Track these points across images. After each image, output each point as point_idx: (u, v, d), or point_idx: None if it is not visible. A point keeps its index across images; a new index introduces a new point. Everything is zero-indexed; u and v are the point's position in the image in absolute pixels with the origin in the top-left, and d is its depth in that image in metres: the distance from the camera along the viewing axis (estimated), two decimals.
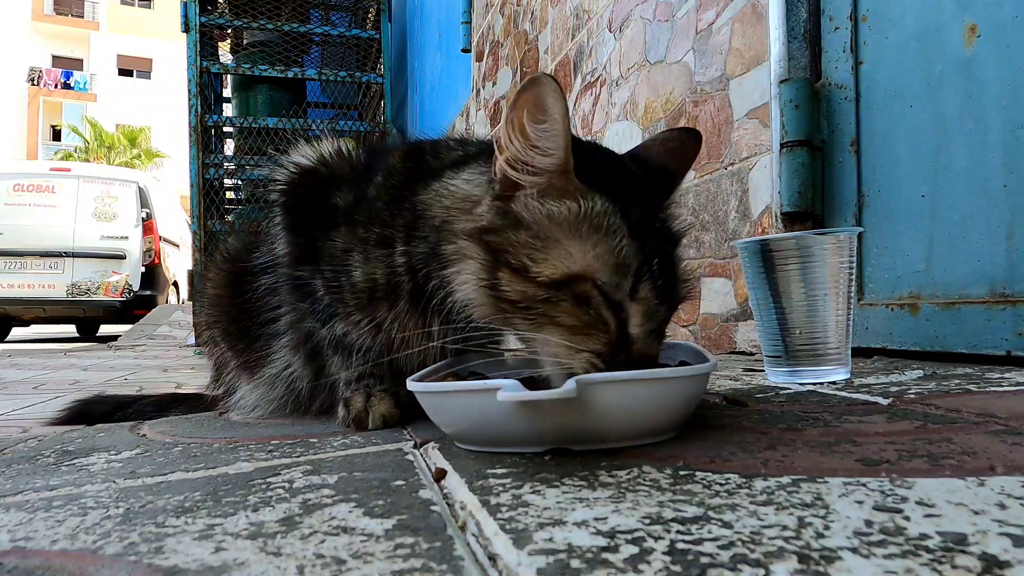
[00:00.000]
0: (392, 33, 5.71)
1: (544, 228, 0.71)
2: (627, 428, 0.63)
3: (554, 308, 0.69)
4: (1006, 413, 0.70)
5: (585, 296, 0.69)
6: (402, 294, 0.87)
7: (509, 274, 0.71)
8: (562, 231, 0.70)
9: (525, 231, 0.71)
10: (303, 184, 0.98)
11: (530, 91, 0.67)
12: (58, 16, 25.16)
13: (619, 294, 0.69)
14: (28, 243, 7.15)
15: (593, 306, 0.69)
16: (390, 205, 0.88)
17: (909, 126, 1.28)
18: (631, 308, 0.70)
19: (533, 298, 0.69)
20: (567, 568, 0.36)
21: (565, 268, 0.69)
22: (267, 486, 0.59)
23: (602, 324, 0.69)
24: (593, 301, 0.69)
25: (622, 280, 0.69)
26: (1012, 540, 0.37)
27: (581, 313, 0.69)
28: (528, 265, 0.70)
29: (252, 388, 1.11)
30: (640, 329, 0.70)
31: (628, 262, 0.70)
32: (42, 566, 0.43)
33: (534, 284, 0.69)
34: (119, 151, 21.25)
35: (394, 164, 0.92)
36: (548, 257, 0.70)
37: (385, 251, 0.87)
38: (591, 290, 0.68)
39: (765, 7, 1.53)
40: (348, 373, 0.96)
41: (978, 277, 1.15)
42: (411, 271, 0.85)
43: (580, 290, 0.68)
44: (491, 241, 0.73)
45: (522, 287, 0.70)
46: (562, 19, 2.75)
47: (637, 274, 0.70)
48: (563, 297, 0.69)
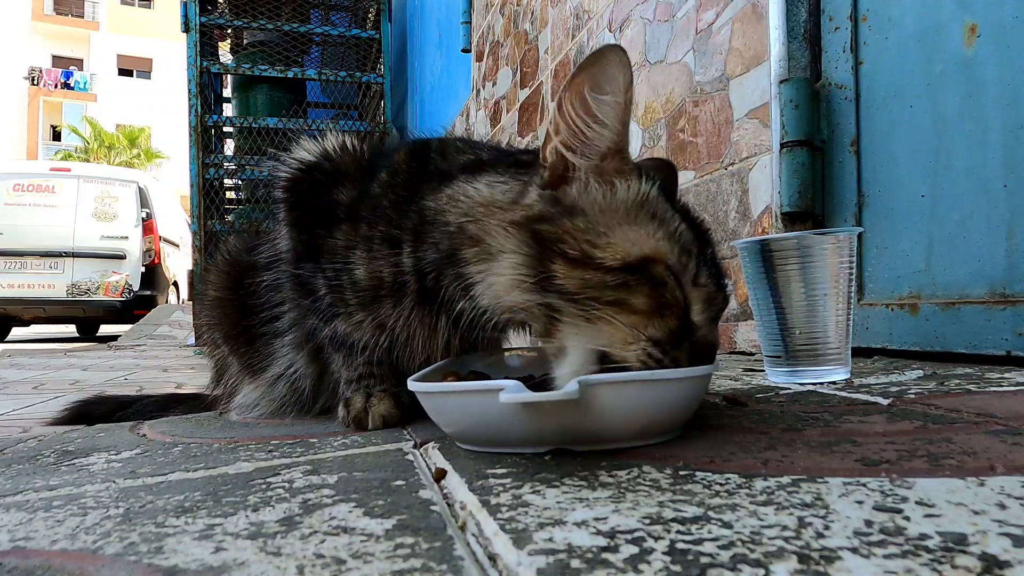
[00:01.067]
0: (392, 33, 5.70)
1: (602, 213, 0.69)
2: (629, 429, 0.63)
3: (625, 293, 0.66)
4: (1006, 413, 0.70)
5: (661, 278, 0.67)
6: (408, 292, 0.86)
7: (565, 265, 0.67)
8: (620, 216, 0.69)
9: (582, 218, 0.69)
10: (306, 180, 0.97)
11: (594, 62, 0.65)
12: (58, 16, 25.17)
13: (686, 277, 0.68)
14: (28, 243, 7.15)
15: (668, 288, 0.67)
16: (396, 205, 0.87)
17: (909, 126, 1.28)
18: (692, 295, 0.68)
19: (598, 284, 0.66)
20: (567, 568, 0.36)
21: (638, 250, 0.67)
22: (267, 486, 0.59)
23: (670, 308, 0.67)
24: (668, 284, 0.67)
25: (688, 263, 0.68)
26: (1012, 540, 0.37)
27: (656, 296, 0.66)
28: (591, 252, 0.67)
29: (254, 388, 1.11)
30: (702, 316, 0.69)
31: (689, 247, 0.69)
32: (42, 566, 0.43)
33: (600, 270, 0.66)
34: (119, 151, 21.26)
35: (399, 162, 0.91)
36: (613, 241, 0.67)
37: (391, 250, 0.86)
38: (665, 272, 0.67)
39: (765, 7, 1.53)
40: (349, 373, 0.96)
41: (978, 277, 1.15)
42: (419, 273, 0.83)
43: (657, 272, 0.67)
44: (543, 231, 0.70)
45: (585, 275, 0.67)
46: (562, 19, 2.75)
47: (699, 259, 0.69)
48: (640, 280, 0.66)
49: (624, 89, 0.66)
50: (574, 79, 0.66)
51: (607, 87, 0.66)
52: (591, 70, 0.65)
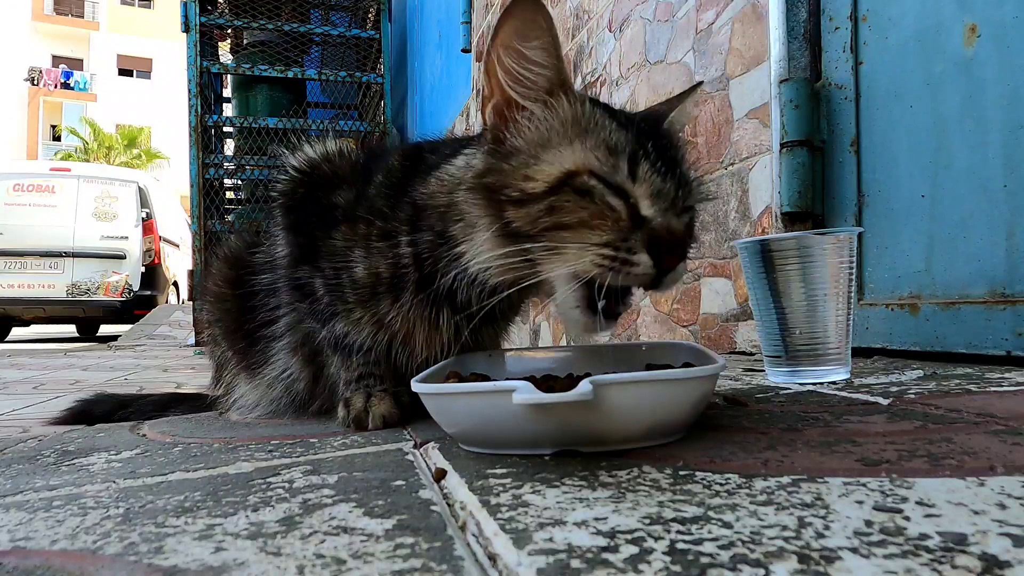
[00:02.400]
0: (392, 33, 5.70)
1: (535, 144, 0.72)
2: (638, 429, 0.63)
3: (560, 213, 0.68)
4: (1006, 413, 0.70)
5: (585, 187, 0.68)
6: (407, 285, 0.86)
7: (513, 208, 0.71)
8: (552, 140, 0.71)
9: (516, 156, 0.72)
10: (303, 185, 0.99)
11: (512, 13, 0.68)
12: (58, 16, 25.17)
13: (618, 176, 0.68)
14: (28, 243, 7.15)
15: (596, 195, 0.68)
16: (391, 200, 0.88)
17: (909, 126, 1.28)
18: (636, 190, 0.69)
19: (537, 216, 0.69)
20: (567, 568, 0.36)
21: (559, 168, 0.69)
22: (267, 486, 0.59)
23: (609, 210, 0.68)
24: (595, 190, 0.68)
25: (617, 162, 0.69)
26: (1012, 540, 0.37)
27: (585, 208, 0.68)
28: (525, 185, 0.70)
29: (252, 388, 1.11)
30: (654, 208, 0.69)
31: (620, 147, 0.69)
32: (42, 566, 0.43)
33: (534, 200, 0.69)
34: (118, 151, 21.26)
35: (393, 164, 0.93)
36: (540, 167, 0.70)
37: (388, 244, 0.87)
38: (589, 180, 0.68)
39: (765, 7, 1.53)
40: (348, 373, 0.96)
41: (978, 277, 1.15)
42: (417, 261, 0.85)
43: (579, 183, 0.68)
44: (488, 183, 0.73)
45: (526, 210, 0.69)
46: (562, 19, 2.75)
47: (633, 155, 0.69)
48: (565, 199, 0.68)
49: (548, 28, 0.69)
50: (497, 37, 0.69)
51: (532, 32, 0.69)
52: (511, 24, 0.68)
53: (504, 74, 0.72)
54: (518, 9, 0.68)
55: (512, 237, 0.71)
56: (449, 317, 0.86)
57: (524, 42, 0.69)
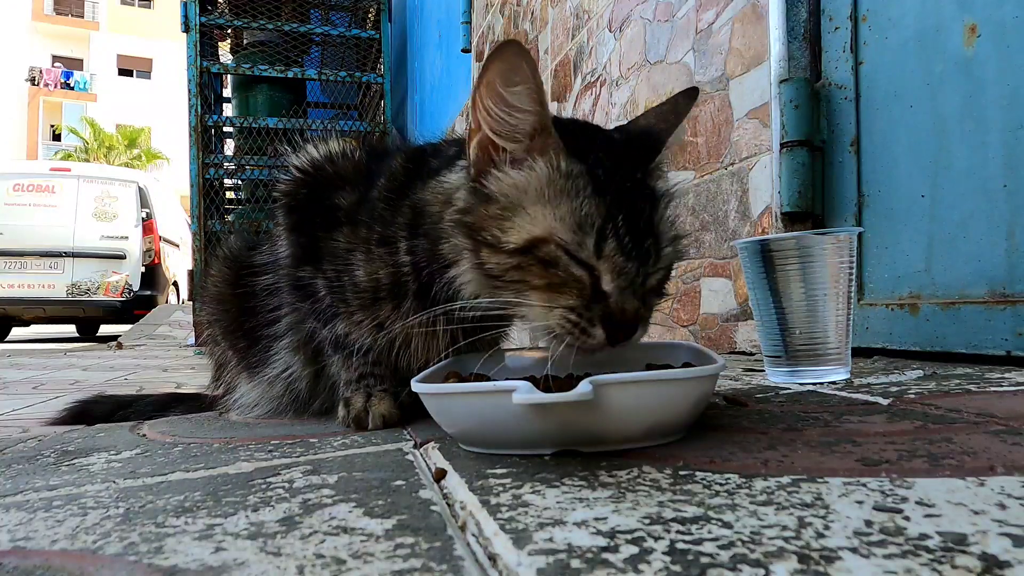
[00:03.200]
0: (392, 33, 5.70)
1: (511, 198, 0.72)
2: (638, 430, 0.63)
3: (527, 274, 0.71)
4: (1006, 413, 0.70)
5: (551, 258, 0.69)
6: (407, 294, 0.87)
7: (488, 251, 0.72)
8: (527, 198, 0.72)
9: (494, 204, 0.73)
10: (306, 185, 0.99)
11: (496, 59, 0.69)
12: (58, 16, 25.17)
13: (584, 252, 0.69)
14: (28, 243, 7.15)
15: (561, 266, 0.69)
16: (392, 205, 0.88)
17: (909, 126, 1.28)
18: (600, 266, 0.70)
19: (507, 268, 0.71)
20: (567, 568, 0.36)
21: (527, 233, 0.70)
22: (267, 486, 0.59)
23: (574, 281, 0.70)
24: (560, 261, 0.69)
25: (584, 239, 0.69)
26: (1012, 540, 0.37)
27: (551, 275, 0.70)
28: (498, 236, 0.71)
29: (252, 388, 1.11)
30: (613, 286, 0.70)
31: (591, 220, 0.69)
32: (42, 566, 0.43)
33: (504, 254, 0.71)
34: (118, 151, 21.25)
35: (396, 167, 0.93)
36: (513, 225, 0.71)
37: (388, 250, 0.87)
38: (555, 251, 0.69)
39: (765, 7, 1.53)
40: (349, 373, 0.96)
41: (978, 277, 1.15)
42: (416, 269, 0.85)
43: (544, 252, 0.69)
44: (468, 222, 0.74)
45: (496, 259, 0.72)
46: (562, 19, 2.75)
47: (601, 232, 0.69)
48: (531, 262, 0.70)
49: (531, 75, 0.69)
50: (483, 79, 0.70)
51: (516, 78, 0.69)
52: (496, 67, 0.69)
53: (486, 114, 0.73)
54: (503, 53, 0.68)
55: (488, 276, 0.74)
56: (445, 325, 0.86)
57: (507, 86, 0.70)
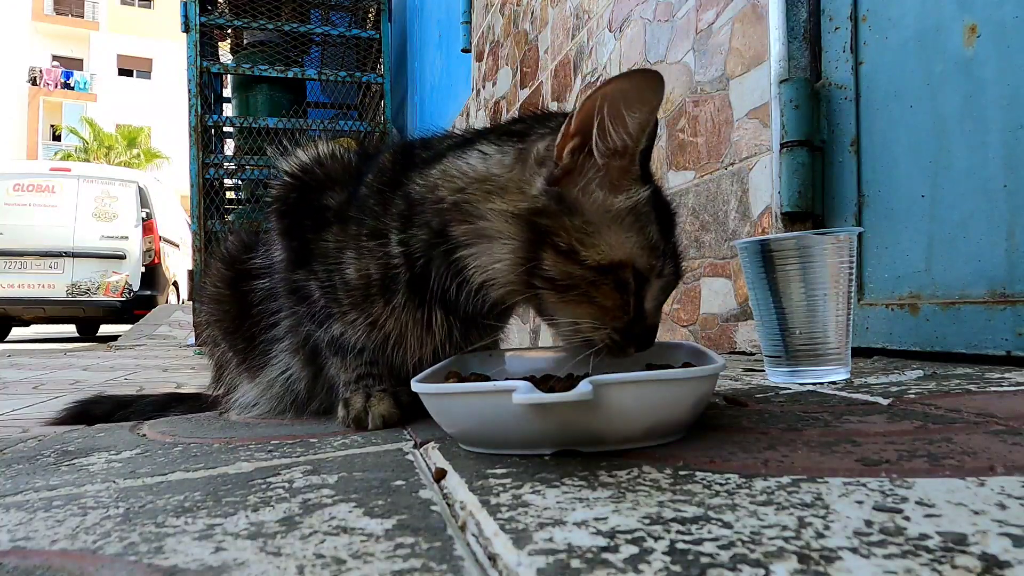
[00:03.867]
0: (392, 33, 5.70)
1: (597, 215, 0.76)
2: (639, 430, 0.62)
3: (593, 289, 0.75)
4: (1006, 413, 0.70)
5: (624, 281, 0.76)
6: (399, 287, 0.86)
7: (554, 255, 0.75)
8: (614, 219, 0.76)
9: (579, 217, 0.76)
10: (295, 190, 0.99)
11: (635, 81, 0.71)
12: (58, 16, 25.17)
13: (652, 275, 0.78)
14: (28, 243, 7.15)
15: (628, 291, 0.76)
16: (381, 198, 0.88)
17: (909, 126, 1.28)
18: (653, 284, 0.78)
19: (578, 278, 0.75)
20: (567, 568, 0.36)
21: (614, 255, 0.75)
22: (267, 486, 0.59)
23: (627, 306, 0.77)
24: (629, 287, 0.76)
25: (654, 263, 0.77)
26: (1012, 540, 0.37)
27: (616, 296, 0.76)
28: (578, 248, 0.75)
29: (252, 388, 1.12)
30: (653, 303, 0.79)
31: (659, 246, 0.78)
32: (42, 566, 0.43)
33: (581, 266, 0.75)
34: (118, 151, 21.25)
35: (384, 162, 0.93)
36: (598, 243, 0.75)
37: (378, 243, 0.86)
38: (629, 276, 0.76)
39: (765, 7, 1.53)
40: (347, 374, 0.96)
41: (978, 277, 1.15)
42: (409, 260, 0.84)
43: (621, 276, 0.75)
44: (541, 223, 0.76)
45: (567, 268, 0.75)
46: (562, 19, 2.75)
47: (663, 255, 0.78)
48: (605, 281, 0.75)
49: (653, 109, 0.73)
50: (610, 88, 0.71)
51: (641, 106, 0.72)
52: (630, 86, 0.71)
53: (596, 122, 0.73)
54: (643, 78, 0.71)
55: (531, 274, 0.76)
56: (443, 319, 0.86)
57: (628, 108, 0.72)
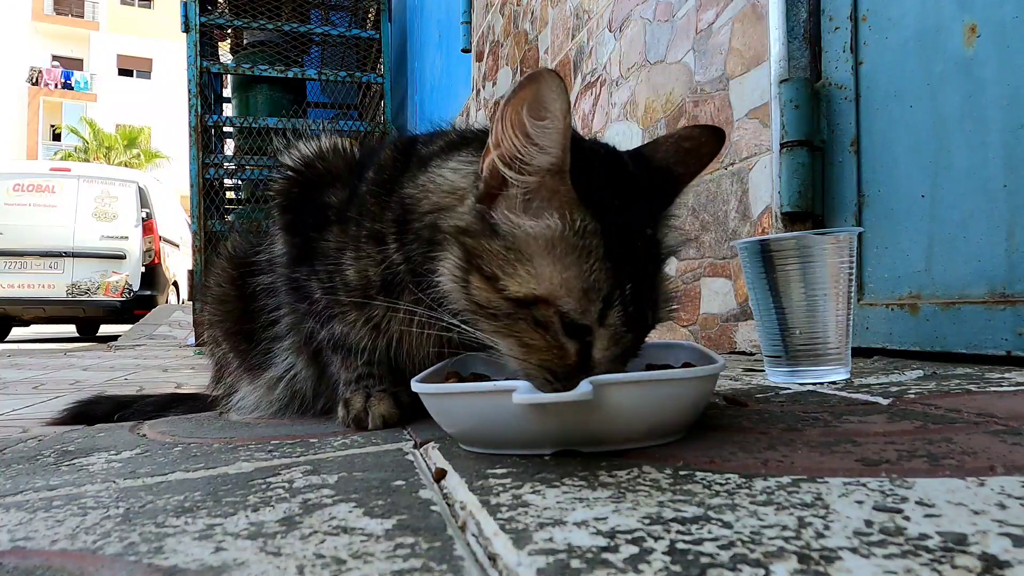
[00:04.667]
0: (392, 33, 5.70)
1: (519, 241, 0.68)
2: (638, 430, 0.63)
3: (515, 324, 0.68)
4: (1006, 413, 0.70)
5: (545, 321, 0.67)
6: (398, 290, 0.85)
7: (479, 279, 0.70)
8: (536, 247, 0.68)
9: (499, 240, 0.69)
10: (298, 184, 0.98)
11: (531, 86, 0.64)
12: (58, 16, 25.17)
13: (586, 319, 0.66)
14: (28, 243, 7.15)
15: (551, 332, 0.67)
16: (379, 199, 0.86)
17: (909, 126, 1.28)
18: (598, 333, 0.67)
19: (498, 308, 0.69)
20: (567, 568, 0.36)
21: (530, 288, 0.66)
22: (267, 486, 0.59)
23: (558, 350, 0.67)
24: (551, 328, 0.67)
25: (589, 306, 0.66)
26: (1012, 540, 0.37)
27: (538, 336, 0.67)
28: (497, 275, 0.68)
29: (253, 389, 1.11)
30: (604, 354, 0.68)
31: (599, 287, 0.66)
32: (42, 566, 0.43)
33: (499, 296, 0.68)
34: (118, 151, 21.25)
35: (384, 158, 0.90)
36: (516, 273, 0.67)
37: (377, 248, 0.85)
38: (551, 316, 0.66)
39: (765, 7, 1.53)
40: (348, 373, 0.96)
41: (978, 277, 1.15)
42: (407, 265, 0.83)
43: (540, 314, 0.67)
44: (466, 243, 0.71)
45: (489, 295, 0.69)
46: (562, 19, 2.75)
47: (607, 300, 0.66)
48: (523, 316, 0.67)
49: (562, 116, 0.64)
50: (512, 100, 0.65)
51: (544, 112, 0.64)
52: (528, 93, 0.64)
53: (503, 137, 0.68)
54: (541, 81, 0.63)
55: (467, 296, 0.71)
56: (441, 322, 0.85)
57: (534, 118, 0.65)
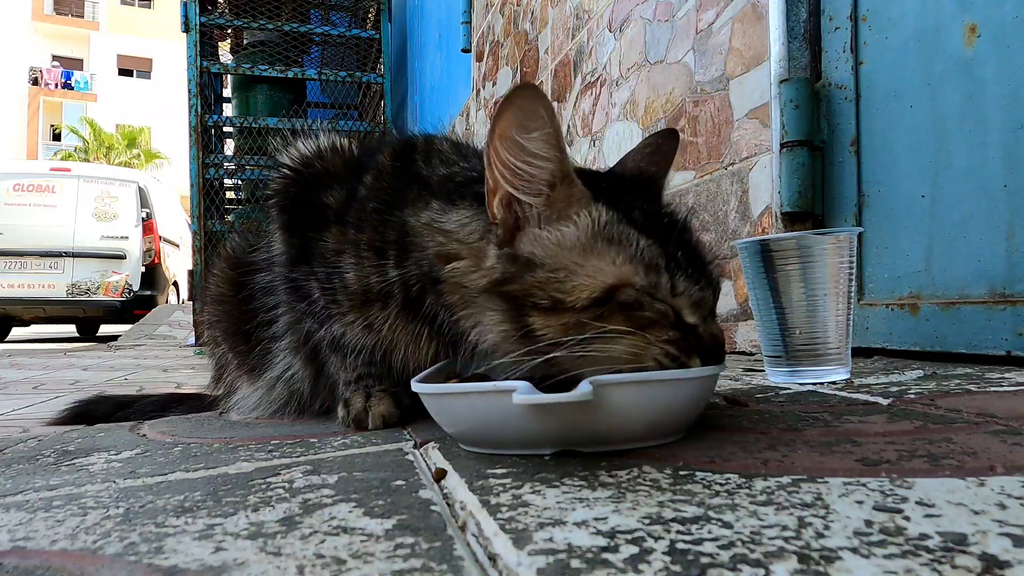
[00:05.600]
0: (392, 33, 5.70)
1: (561, 256, 0.69)
2: (638, 430, 0.63)
3: (608, 320, 0.66)
4: (1006, 413, 0.70)
5: (632, 301, 0.66)
6: (393, 301, 0.86)
7: (541, 315, 0.68)
8: (578, 252, 0.68)
9: (542, 270, 0.69)
10: (296, 183, 0.98)
11: (509, 107, 0.65)
12: (58, 16, 25.17)
13: (661, 294, 0.67)
14: (28, 243, 7.15)
15: (647, 306, 0.66)
16: (380, 212, 0.86)
17: (909, 126, 1.28)
18: (679, 303, 0.68)
19: (580, 324, 0.67)
20: (567, 568, 0.36)
21: (600, 284, 0.66)
22: (267, 486, 0.59)
23: (663, 317, 0.67)
24: (644, 302, 0.66)
25: (658, 279, 0.67)
26: (1012, 540, 0.37)
27: (637, 317, 0.67)
28: (560, 298, 0.67)
29: (253, 389, 1.11)
30: (696, 317, 0.69)
31: (655, 261, 0.68)
32: (42, 566, 0.43)
33: (574, 312, 0.67)
34: (118, 151, 21.26)
35: (383, 163, 0.91)
36: (578, 281, 0.67)
37: (378, 260, 0.86)
38: (634, 293, 0.66)
39: (765, 7, 1.53)
40: (347, 374, 0.96)
41: (978, 277, 1.15)
42: (405, 286, 0.84)
43: (624, 297, 0.66)
44: (510, 291, 0.70)
45: (562, 320, 0.67)
46: (562, 19, 2.75)
47: (670, 271, 0.68)
48: (612, 310, 0.66)
49: (548, 119, 0.65)
50: (496, 128, 0.66)
51: (531, 123, 0.65)
52: (510, 114, 0.65)
53: (503, 168, 0.68)
54: (517, 98, 0.64)
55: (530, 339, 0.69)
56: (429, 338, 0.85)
57: (523, 133, 0.66)
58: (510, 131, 0.66)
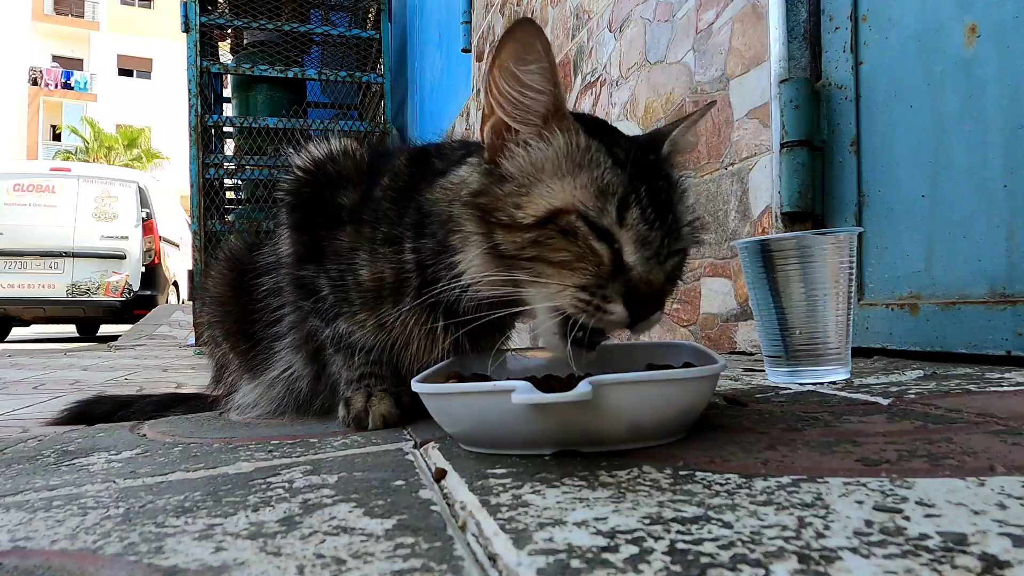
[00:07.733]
0: (392, 33, 5.71)
1: (527, 174, 0.72)
2: (638, 430, 0.63)
3: (544, 248, 0.69)
4: (1006, 413, 0.70)
5: (570, 228, 0.68)
6: (408, 291, 0.86)
7: (502, 231, 0.71)
8: (545, 172, 0.71)
9: (510, 183, 0.72)
10: (308, 185, 0.99)
11: (509, 40, 0.69)
12: (58, 16, 25.16)
13: (605, 220, 0.68)
14: (28, 243, 7.15)
15: (580, 237, 0.68)
16: (397, 205, 0.88)
17: (909, 126, 1.28)
18: (622, 236, 0.69)
19: (523, 245, 0.70)
20: (567, 568, 0.36)
21: (547, 204, 0.69)
22: (267, 486, 0.59)
23: (592, 255, 0.68)
24: (579, 232, 0.68)
25: (606, 205, 0.68)
26: (1012, 540, 0.37)
27: (569, 247, 0.68)
28: (514, 213, 0.70)
29: (253, 388, 1.11)
30: (636, 256, 0.69)
31: (612, 189, 0.69)
32: (42, 566, 0.43)
33: (521, 230, 0.70)
34: (118, 151, 21.25)
35: (400, 166, 0.93)
36: (531, 199, 0.70)
37: (393, 249, 0.87)
38: (575, 221, 0.68)
39: (765, 7, 1.53)
40: (350, 373, 0.96)
41: (978, 277, 1.15)
42: (420, 267, 0.85)
43: (564, 223, 0.68)
44: (481, 204, 0.73)
45: (513, 237, 0.70)
46: (562, 19, 2.75)
47: (623, 199, 0.69)
48: (550, 235, 0.69)
49: (545, 53, 0.69)
50: (496, 60, 0.70)
51: (529, 56, 0.69)
52: (509, 46, 0.69)
53: (500, 96, 0.72)
54: (517, 32, 0.68)
55: (500, 258, 0.73)
56: (445, 326, 0.86)
57: (521, 65, 0.70)
58: (508, 62, 0.70)
